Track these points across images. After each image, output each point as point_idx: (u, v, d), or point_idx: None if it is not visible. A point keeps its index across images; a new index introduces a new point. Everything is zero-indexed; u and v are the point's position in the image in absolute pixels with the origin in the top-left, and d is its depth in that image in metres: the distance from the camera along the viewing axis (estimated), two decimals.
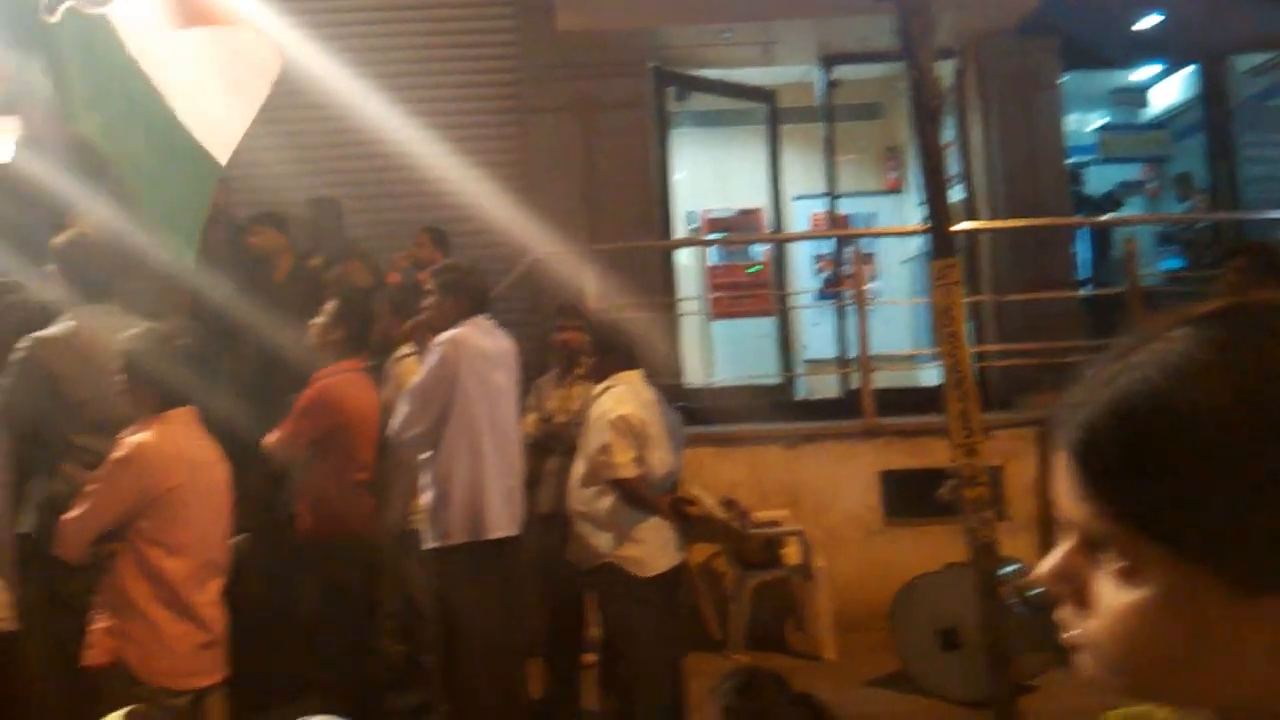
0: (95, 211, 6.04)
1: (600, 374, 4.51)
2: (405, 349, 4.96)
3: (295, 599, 4.22)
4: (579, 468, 4.46)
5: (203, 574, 3.33)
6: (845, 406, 7.28)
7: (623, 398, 4.36)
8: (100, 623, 3.23)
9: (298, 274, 6.18)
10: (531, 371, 5.05)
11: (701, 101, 8.93)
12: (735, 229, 9.23)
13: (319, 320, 4.63)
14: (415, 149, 6.85)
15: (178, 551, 3.25)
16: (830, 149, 8.53)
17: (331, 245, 6.55)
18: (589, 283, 6.54)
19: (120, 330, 3.45)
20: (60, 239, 3.89)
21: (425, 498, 4.15)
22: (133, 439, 3.27)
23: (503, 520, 4.11)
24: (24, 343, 3.66)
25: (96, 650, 3.21)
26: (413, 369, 4.53)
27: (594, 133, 7.68)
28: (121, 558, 3.23)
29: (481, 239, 6.89)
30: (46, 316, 3.81)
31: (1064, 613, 0.79)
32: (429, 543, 4.11)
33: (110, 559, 3.25)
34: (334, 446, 4.41)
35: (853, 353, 7.47)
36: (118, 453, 3.25)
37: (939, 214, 3.83)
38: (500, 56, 7.82)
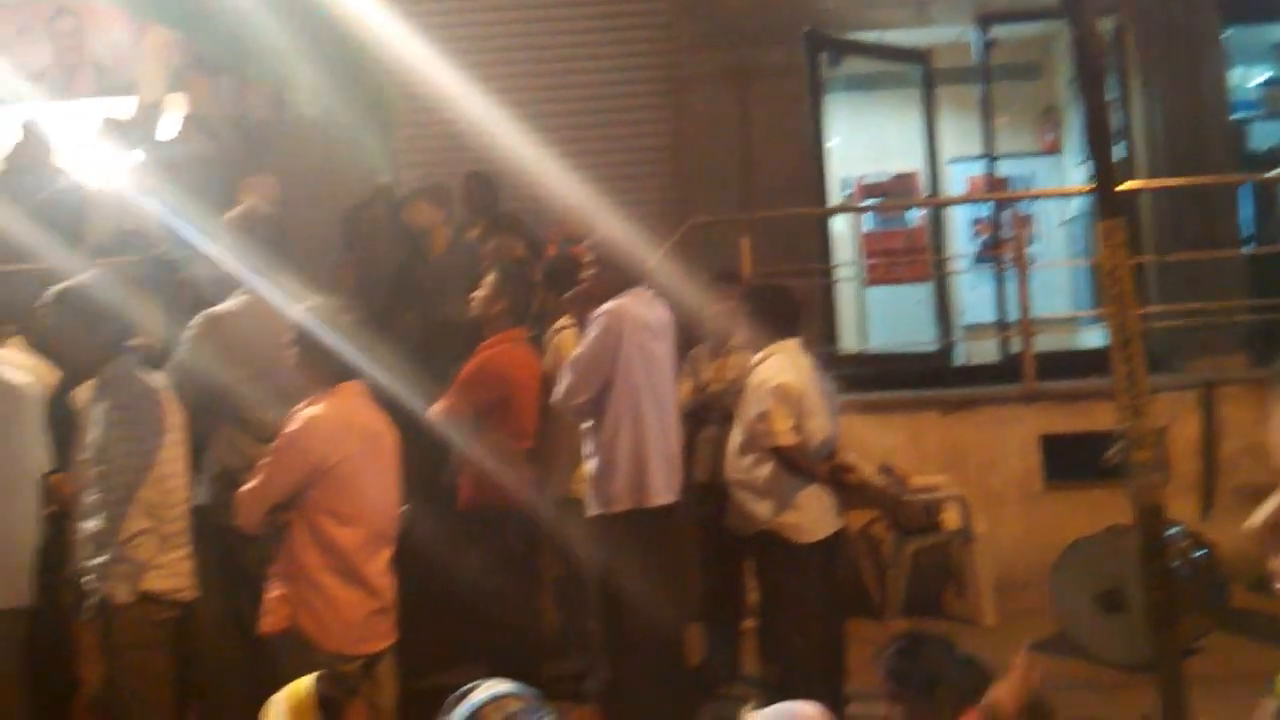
0: (262, 186, 6.32)
1: (757, 342, 4.49)
2: (564, 320, 5.01)
3: (457, 568, 4.33)
4: (736, 436, 4.44)
5: (373, 543, 3.41)
6: (1004, 371, 7.16)
7: (781, 366, 4.33)
8: (275, 591, 3.34)
9: (456, 247, 6.30)
10: (688, 341, 5.04)
11: (855, 65, 8.72)
12: (890, 194, 9.04)
13: (480, 293, 4.72)
14: (569, 120, 6.92)
15: (349, 521, 3.33)
16: (987, 110, 8.26)
17: (488, 218, 6.66)
18: (744, 251, 6.49)
19: (291, 305, 3.57)
20: (233, 213, 4.04)
21: (588, 466, 4.19)
22: (305, 412, 3.35)
23: (664, 488, 4.12)
24: (198, 319, 3.82)
25: (272, 617, 3.32)
26: (572, 340, 4.57)
27: (748, 100, 7.61)
28: (295, 528, 3.33)
29: (636, 209, 6.90)
30: (219, 293, 3.97)
31: (1276, 564, 0.75)
32: (592, 510, 4.15)
33: (285, 529, 3.35)
34: (497, 416, 4.49)
35: (1012, 317, 7.30)
36: (291, 425, 3.33)
37: (1105, 174, 3.66)
38: (653, 26, 7.79)
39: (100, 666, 3.51)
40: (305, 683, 2.81)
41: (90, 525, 3.41)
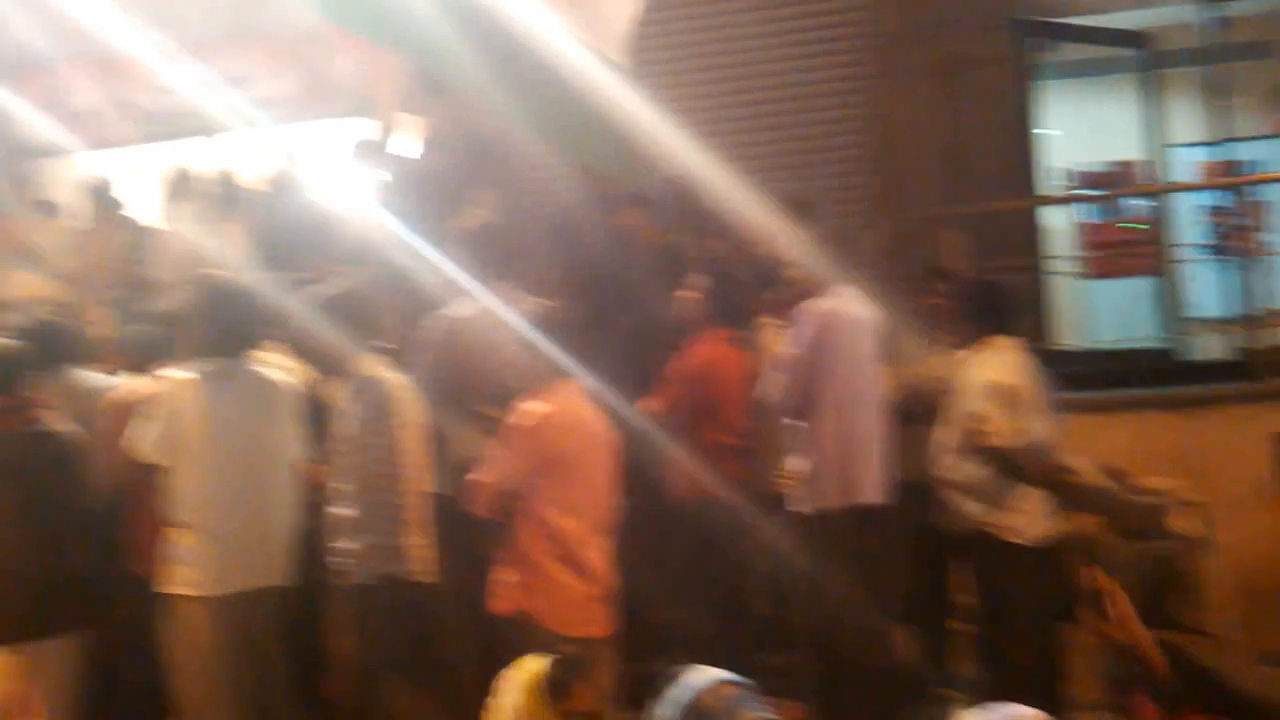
0: (486, 199, 6.66)
1: (970, 339, 4.43)
2: (770, 319, 5.09)
3: (667, 557, 4.48)
4: (949, 435, 4.40)
5: (594, 532, 3.61)
6: (1236, 368, 6.74)
7: (995, 363, 4.26)
8: (503, 574, 3.58)
9: (661, 249, 6.46)
10: (897, 339, 5.02)
11: (1069, 51, 8.43)
12: (1108, 183, 8.66)
13: (686, 293, 4.86)
14: (772, 119, 6.96)
15: (571, 511, 3.54)
16: (1214, 93, 7.81)
17: (691, 220, 6.79)
18: (954, 246, 6.39)
19: (515, 309, 3.81)
20: (460, 225, 4.31)
21: (797, 464, 4.26)
22: (530, 407, 3.59)
23: (873, 487, 4.15)
24: (435, 323, 4.12)
25: (500, 600, 3.57)
26: (779, 338, 4.65)
27: (954, 92, 7.46)
28: (522, 516, 3.56)
29: (841, 206, 6.89)
30: (451, 298, 4.25)
31: None
32: (801, 508, 4.22)
33: (513, 516, 3.58)
34: (706, 413, 4.61)
35: (1245, 310, 6.90)
36: (517, 420, 3.58)
37: None
38: (856, 22, 7.75)
39: (350, 641, 3.83)
40: (536, 662, 3.02)
41: (342, 511, 3.75)
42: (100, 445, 4.10)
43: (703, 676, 2.21)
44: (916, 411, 4.92)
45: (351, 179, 6.70)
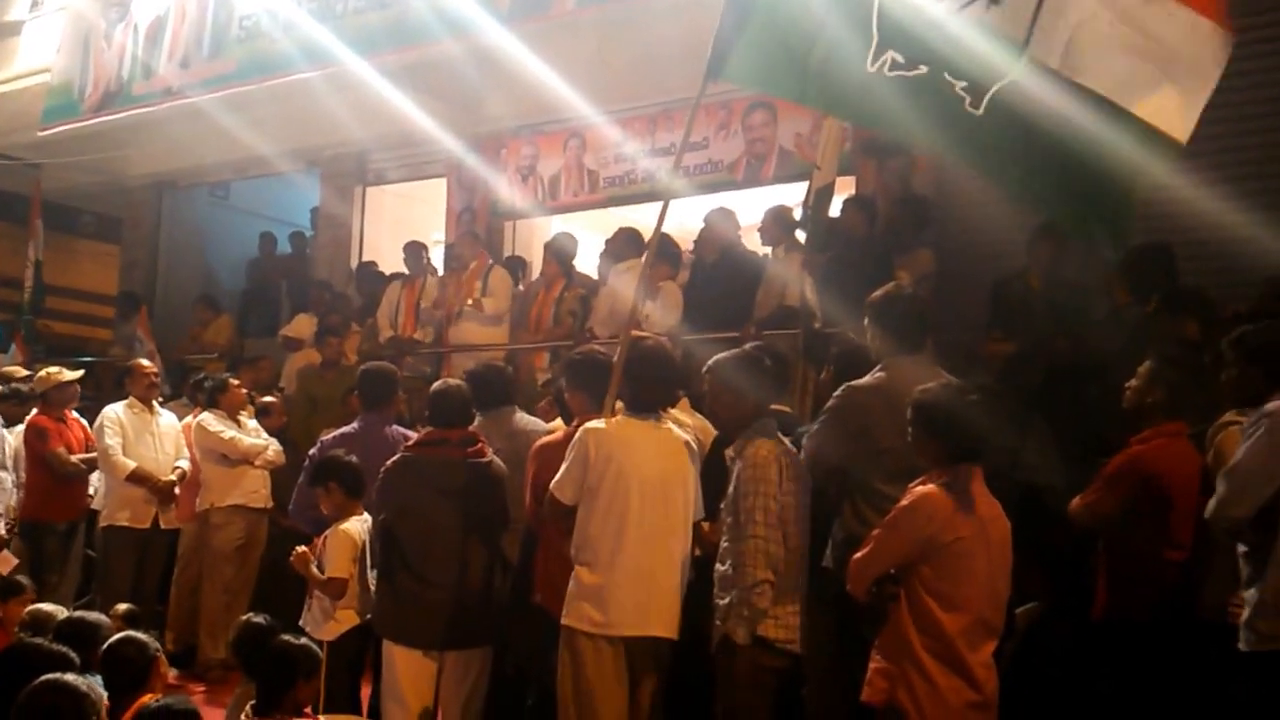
0: (918, 262, 6.46)
1: None
2: (1231, 415, 4.44)
3: (1085, 682, 4.01)
4: None
5: (978, 631, 3.34)
6: None
7: None
8: (878, 663, 3.40)
9: (1122, 320, 5.88)
10: None
11: None
12: None
13: (1134, 381, 4.37)
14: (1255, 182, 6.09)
15: (954, 606, 3.30)
16: None
17: (1161, 293, 6.12)
18: None
19: (928, 382, 3.62)
20: (877, 293, 4.19)
21: (1246, 594, 3.64)
22: (919, 489, 3.39)
23: None
24: (839, 391, 4.03)
25: (872, 689, 3.39)
26: (1235, 439, 4.03)
27: None
28: (901, 604, 3.37)
29: None
30: (865, 366, 4.13)
31: None
32: (1253, 645, 3.60)
33: (891, 602, 3.40)
34: (1146, 519, 4.09)
35: None
36: (904, 500, 3.40)
37: None
38: None
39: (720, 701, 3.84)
40: None
41: (723, 569, 3.80)
42: (527, 482, 4.44)
43: None
44: None
45: (781, 243, 6.81)
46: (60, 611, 4.77)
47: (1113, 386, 4.57)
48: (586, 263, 8.44)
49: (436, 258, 9.36)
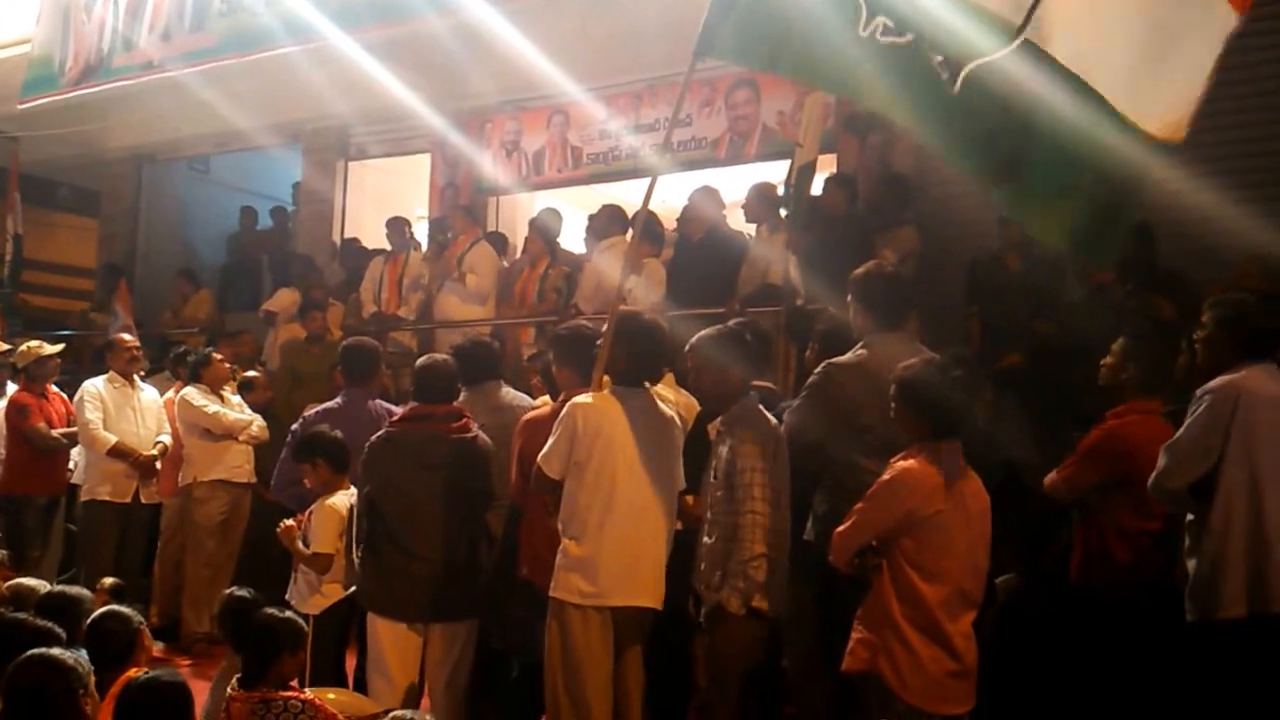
0: (901, 240, 6.50)
1: None
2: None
3: (1062, 649, 4.09)
4: None
5: (956, 602, 3.39)
6: None
7: None
8: (859, 633, 3.46)
9: (1109, 300, 5.94)
10: None
11: None
12: None
13: (1107, 359, 4.44)
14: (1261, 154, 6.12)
15: (935, 577, 3.36)
16: None
17: (1139, 274, 6.19)
18: None
19: (910, 358, 3.66)
20: (858, 271, 4.23)
21: (1190, 563, 3.74)
22: (901, 464, 3.44)
23: None
24: (820, 368, 4.07)
25: (854, 658, 3.45)
26: None
27: None
28: (883, 575, 3.42)
29: None
30: (846, 343, 4.18)
31: None
32: (1190, 615, 3.70)
33: (873, 574, 3.46)
34: (1120, 493, 4.18)
35: None
36: (886, 475, 3.45)
37: None
38: None
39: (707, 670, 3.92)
40: None
41: (710, 542, 3.85)
42: (513, 457, 4.46)
43: None
44: None
45: (763, 221, 6.84)
46: (42, 586, 4.75)
47: (1096, 365, 4.66)
48: (570, 239, 8.45)
49: (419, 233, 9.35)
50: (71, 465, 7.32)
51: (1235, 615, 3.59)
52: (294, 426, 5.42)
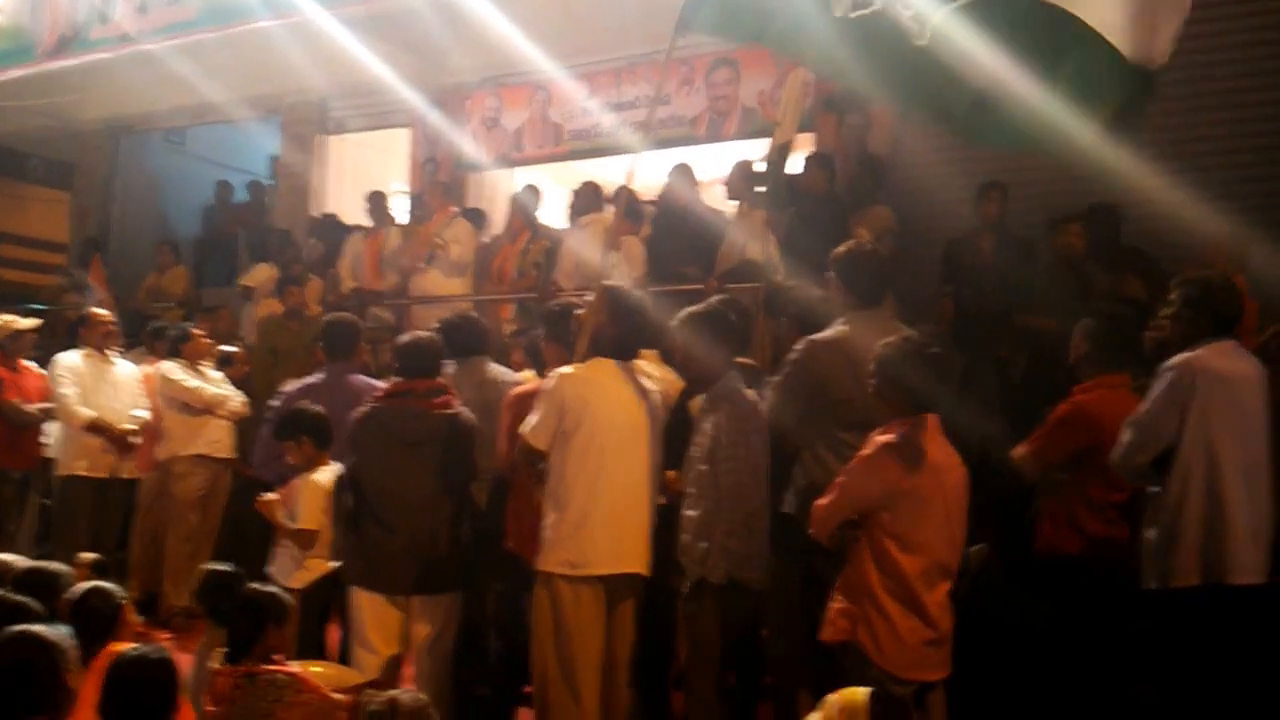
0: (877, 218, 6.56)
1: None
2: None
3: (1027, 616, 4.19)
4: None
5: (934, 573, 3.47)
6: None
7: None
8: (838, 603, 3.54)
9: (1071, 284, 6.03)
10: None
11: None
12: None
13: (1074, 336, 4.52)
14: (1222, 138, 6.21)
15: (912, 549, 3.44)
16: None
17: (1105, 254, 6.29)
18: None
19: (883, 335, 3.73)
20: (838, 249, 4.28)
21: (1148, 533, 3.85)
22: (880, 438, 3.51)
23: (1249, 565, 3.64)
24: (799, 344, 4.13)
25: (832, 628, 3.53)
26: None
27: None
28: (862, 547, 3.50)
29: None
30: (824, 320, 4.24)
31: None
32: (1148, 583, 3.81)
33: (853, 545, 3.54)
34: (1087, 465, 4.27)
35: None
36: (866, 449, 3.53)
37: None
38: None
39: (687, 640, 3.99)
40: (860, 694, 3.08)
41: (693, 514, 3.90)
42: (499, 432, 4.50)
43: None
44: None
45: (743, 199, 6.88)
46: (20, 561, 4.74)
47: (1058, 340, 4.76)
48: (551, 215, 8.46)
49: (397, 209, 9.34)
50: (45, 439, 7.29)
51: (1188, 584, 3.70)
52: (273, 401, 5.44)
